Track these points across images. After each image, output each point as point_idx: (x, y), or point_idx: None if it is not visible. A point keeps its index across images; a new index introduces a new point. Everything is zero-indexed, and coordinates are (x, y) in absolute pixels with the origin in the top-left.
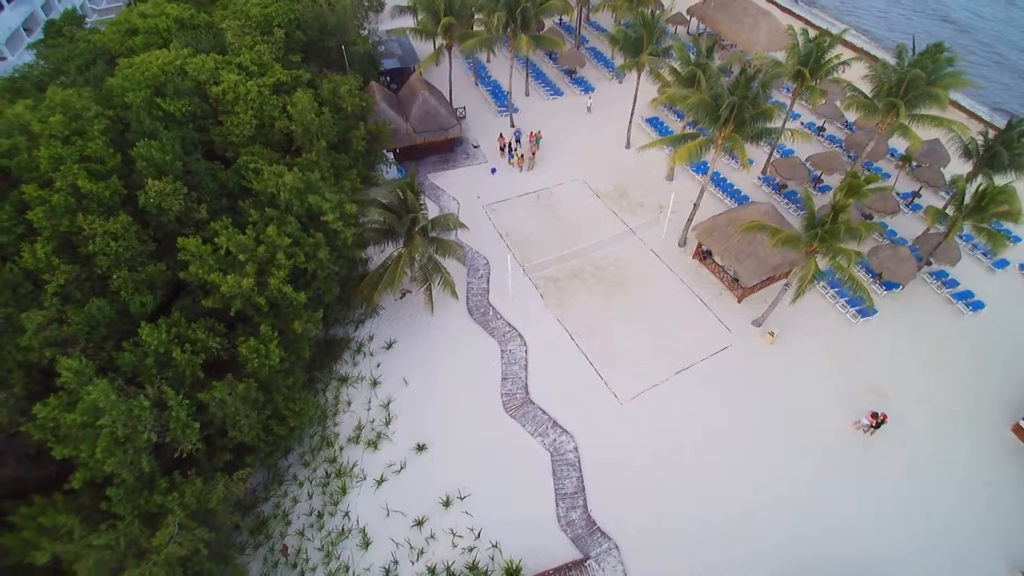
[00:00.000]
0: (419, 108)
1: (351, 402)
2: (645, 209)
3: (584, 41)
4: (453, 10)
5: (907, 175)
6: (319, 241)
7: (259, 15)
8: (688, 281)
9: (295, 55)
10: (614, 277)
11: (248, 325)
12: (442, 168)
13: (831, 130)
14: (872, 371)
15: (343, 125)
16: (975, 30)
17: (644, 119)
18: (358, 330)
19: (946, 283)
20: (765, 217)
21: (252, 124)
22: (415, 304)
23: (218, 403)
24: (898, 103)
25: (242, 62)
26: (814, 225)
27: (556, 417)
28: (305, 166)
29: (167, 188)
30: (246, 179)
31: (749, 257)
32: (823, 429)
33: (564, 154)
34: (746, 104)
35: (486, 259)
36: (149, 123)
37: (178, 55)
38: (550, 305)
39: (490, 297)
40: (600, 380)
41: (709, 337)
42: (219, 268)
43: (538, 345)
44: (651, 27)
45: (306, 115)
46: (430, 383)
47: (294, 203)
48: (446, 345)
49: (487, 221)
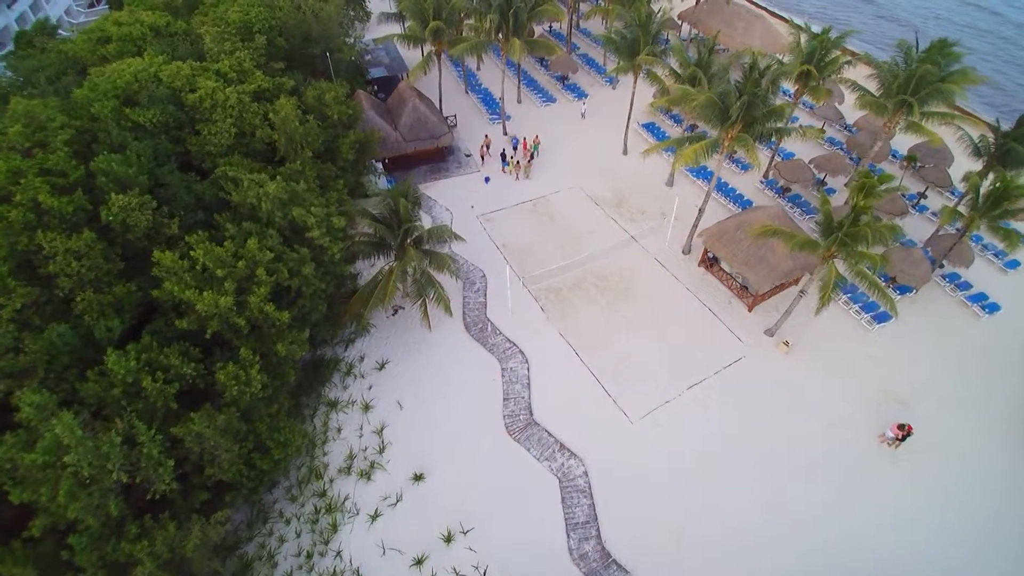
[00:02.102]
0: (409, 116)
1: (341, 429)
2: (646, 216)
3: (575, 48)
4: (441, 15)
5: (912, 176)
6: (304, 256)
7: (239, 21)
8: (695, 289)
9: (277, 62)
10: (618, 287)
11: (227, 348)
12: (434, 178)
13: (831, 132)
14: (891, 379)
15: (330, 134)
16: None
17: (640, 124)
18: (348, 350)
19: (959, 285)
20: (775, 221)
21: (231, 133)
22: (408, 321)
23: (195, 437)
24: (912, 101)
25: (220, 68)
26: (832, 228)
27: (563, 439)
28: (289, 176)
29: (132, 202)
30: (224, 190)
31: (760, 263)
32: (846, 442)
33: (560, 161)
34: (756, 102)
35: (483, 272)
36: (117, 134)
37: (152, 62)
38: (552, 318)
39: (488, 312)
40: (608, 397)
41: (721, 348)
42: (195, 285)
43: (541, 361)
44: (647, 27)
45: (289, 123)
46: (426, 406)
47: (276, 215)
48: (442, 364)
49: (482, 232)
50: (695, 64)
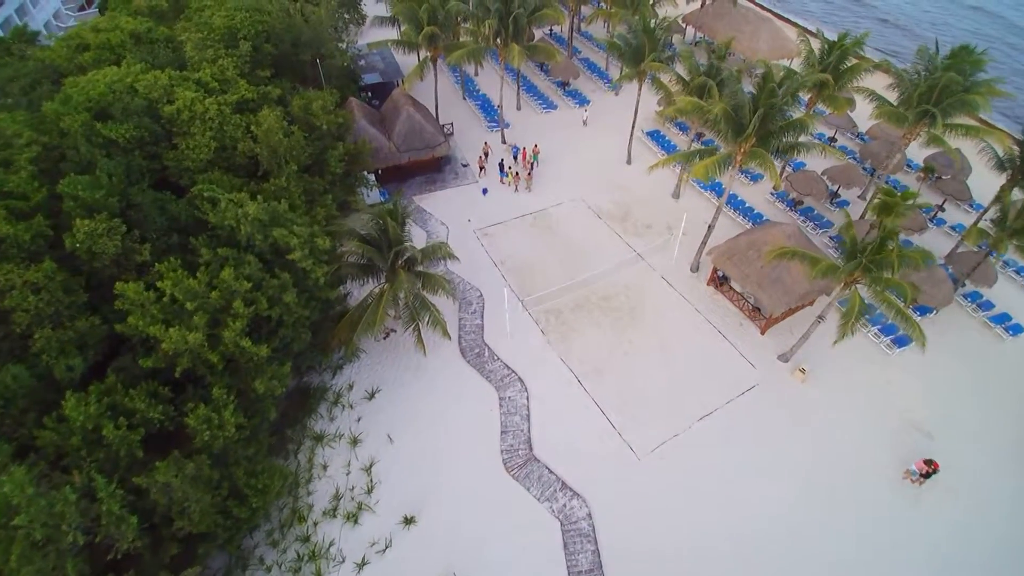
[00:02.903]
0: (403, 125)
1: (327, 465)
2: (652, 230)
3: (576, 52)
4: (437, 20)
5: (929, 187)
6: (285, 283)
7: (223, 27)
8: (704, 311)
9: (264, 70)
10: (622, 308)
11: (200, 384)
12: (429, 189)
13: (842, 140)
14: (914, 407)
15: (318, 145)
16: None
17: (645, 132)
18: (336, 377)
19: (981, 305)
20: (791, 240)
21: (211, 147)
22: (400, 345)
23: (160, 488)
24: (935, 112)
25: (201, 78)
26: (855, 252)
27: (565, 477)
28: (272, 194)
29: (99, 228)
30: (201, 210)
31: (774, 284)
32: (868, 479)
33: (561, 172)
34: (773, 115)
35: (479, 291)
36: (87, 151)
37: (129, 71)
38: (552, 342)
39: (485, 335)
40: (613, 430)
41: (733, 376)
42: (163, 319)
43: (541, 390)
44: (653, 34)
45: (272, 136)
46: (418, 440)
47: (257, 238)
48: (436, 393)
49: (479, 247)
50: (704, 73)
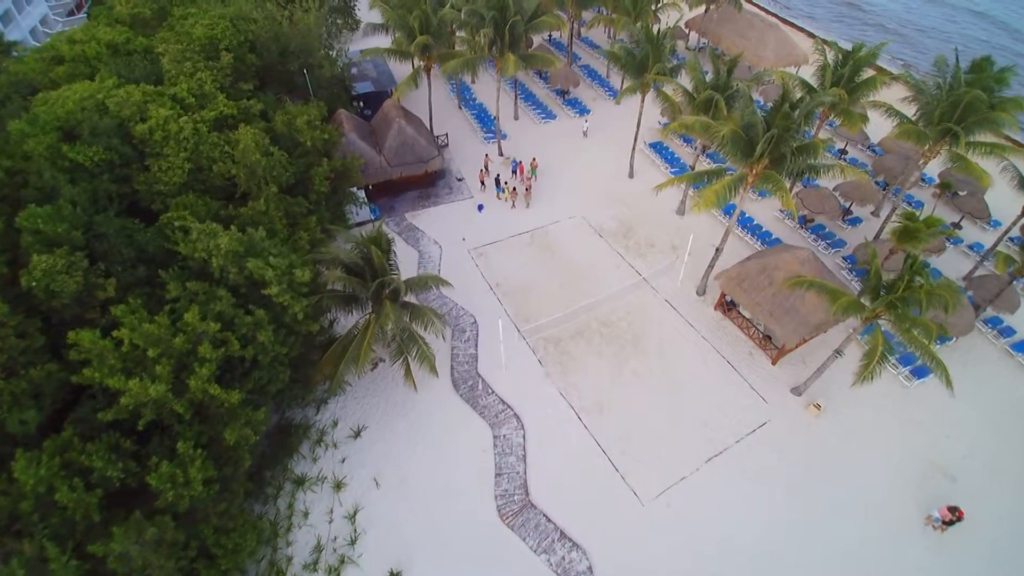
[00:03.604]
0: (394, 138)
1: (308, 512)
2: (655, 249)
3: (576, 59)
4: (430, 28)
5: (945, 204)
6: (260, 320)
7: (203, 37)
8: (712, 338)
9: (247, 82)
10: (625, 335)
11: (167, 434)
12: (422, 205)
13: (853, 152)
14: (935, 444)
15: (302, 163)
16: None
17: (647, 144)
18: (320, 413)
19: (1002, 331)
20: (805, 267)
21: (184, 169)
22: (389, 376)
23: (118, 557)
24: (958, 132)
25: (177, 93)
26: (878, 288)
27: (563, 526)
28: (249, 219)
29: (58, 264)
30: (172, 239)
31: (787, 315)
32: (889, 526)
33: (560, 186)
34: (787, 137)
35: (473, 317)
36: (51, 176)
37: (101, 87)
38: (551, 374)
39: (479, 365)
40: (615, 473)
41: (743, 411)
42: (123, 369)
43: (538, 427)
44: (657, 44)
45: (250, 155)
46: (407, 485)
47: (230, 271)
48: (426, 431)
49: (474, 268)
50: (711, 86)
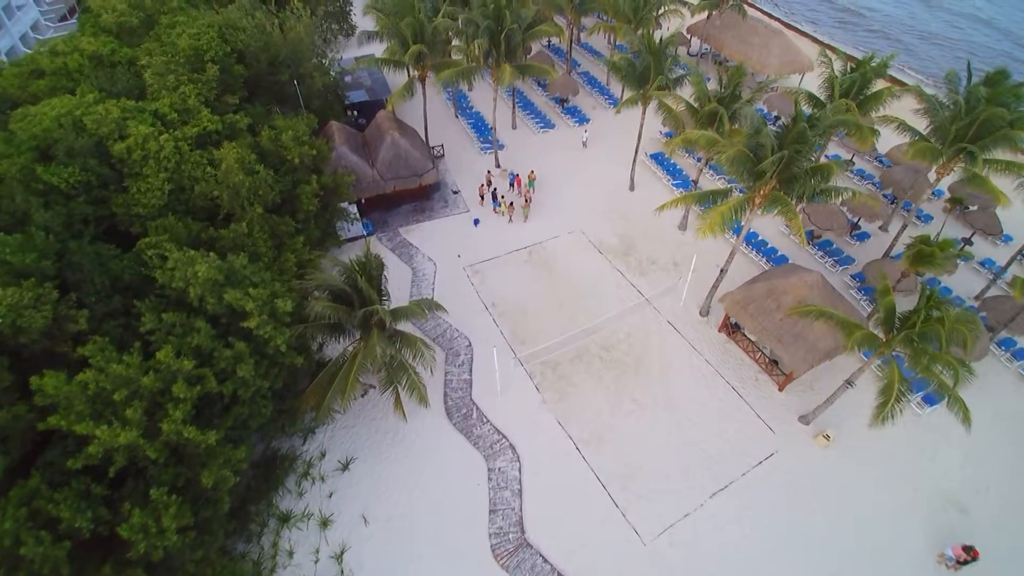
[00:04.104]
0: (387, 151)
1: (293, 552)
2: (657, 267)
3: (576, 65)
4: (424, 37)
5: (956, 219)
6: (240, 353)
7: (188, 48)
8: (716, 362)
9: (233, 95)
10: (626, 359)
11: (141, 478)
12: (416, 219)
13: (860, 163)
14: (948, 476)
15: (289, 180)
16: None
17: (648, 155)
18: (307, 443)
19: (1015, 354)
20: (814, 291)
21: (164, 189)
22: (379, 404)
23: None
24: (974, 151)
25: (159, 108)
26: (892, 320)
27: (561, 567)
28: (230, 244)
29: (26, 298)
30: (149, 266)
31: (796, 341)
32: (902, 564)
33: (559, 200)
34: (798, 159)
35: (468, 340)
36: (23, 200)
37: (80, 102)
38: (549, 401)
39: (474, 392)
40: (615, 509)
41: (748, 441)
42: (91, 413)
43: (534, 460)
44: (659, 54)
45: (233, 175)
46: (396, 522)
47: (209, 301)
48: (418, 463)
49: (469, 287)
50: (716, 100)
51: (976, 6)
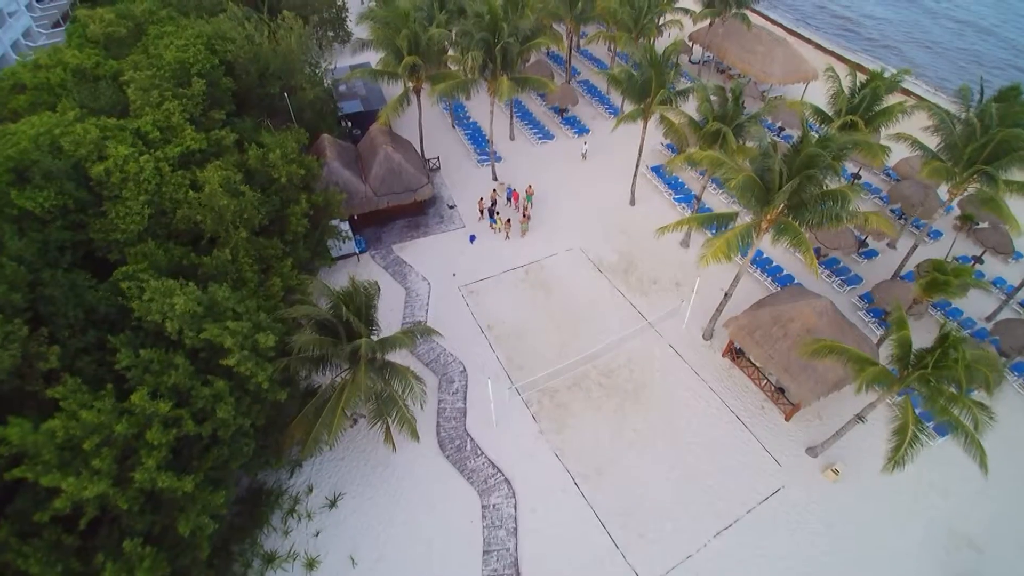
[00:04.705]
0: (380, 167)
1: None
2: (659, 286)
3: (575, 73)
4: (419, 48)
5: (967, 237)
6: (220, 392)
7: (174, 61)
8: (720, 390)
9: (221, 110)
10: (626, 385)
11: (116, 526)
12: (411, 236)
13: (867, 177)
14: (961, 511)
15: (277, 199)
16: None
17: (649, 168)
18: (294, 476)
19: None
20: (823, 319)
21: (144, 214)
22: (368, 435)
23: None
24: (993, 174)
25: (141, 127)
26: (907, 357)
27: None
28: (213, 271)
29: None
30: (126, 296)
31: (804, 372)
32: None
33: (557, 215)
34: (809, 185)
35: (463, 365)
36: None
37: (60, 120)
38: (546, 431)
39: (468, 422)
40: (615, 550)
41: (754, 475)
42: (60, 463)
43: (530, 495)
44: (661, 67)
45: (217, 199)
46: (386, 563)
47: (187, 335)
48: (408, 499)
49: (464, 308)
50: (718, 117)
51: (979, 14)
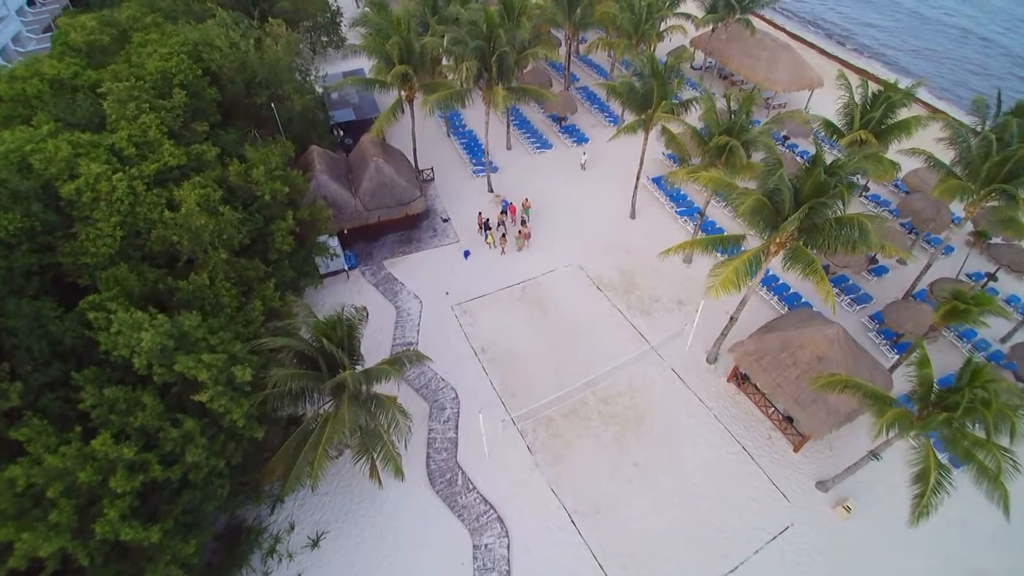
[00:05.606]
0: (370, 180)
1: None
2: (660, 305)
3: (574, 80)
4: (411, 56)
5: (981, 253)
6: (190, 433)
7: (156, 71)
8: (725, 418)
9: (203, 122)
10: (627, 414)
11: None
12: (402, 251)
13: (876, 189)
14: (979, 549)
15: (260, 217)
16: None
17: (650, 179)
18: (275, 512)
19: None
20: (835, 347)
21: (116, 236)
22: (353, 468)
23: None
24: (1015, 192)
25: (115, 143)
26: (929, 396)
27: None
28: (188, 296)
29: None
30: (94, 328)
31: (814, 403)
32: None
33: (555, 229)
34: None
35: (455, 391)
36: None
37: (33, 135)
38: (541, 464)
39: (459, 454)
40: None
41: (761, 512)
42: (17, 513)
43: (525, 534)
44: (663, 77)
45: (194, 219)
46: None
47: (157, 371)
48: (396, 538)
49: (457, 329)
50: (724, 131)
51: (979, 21)
